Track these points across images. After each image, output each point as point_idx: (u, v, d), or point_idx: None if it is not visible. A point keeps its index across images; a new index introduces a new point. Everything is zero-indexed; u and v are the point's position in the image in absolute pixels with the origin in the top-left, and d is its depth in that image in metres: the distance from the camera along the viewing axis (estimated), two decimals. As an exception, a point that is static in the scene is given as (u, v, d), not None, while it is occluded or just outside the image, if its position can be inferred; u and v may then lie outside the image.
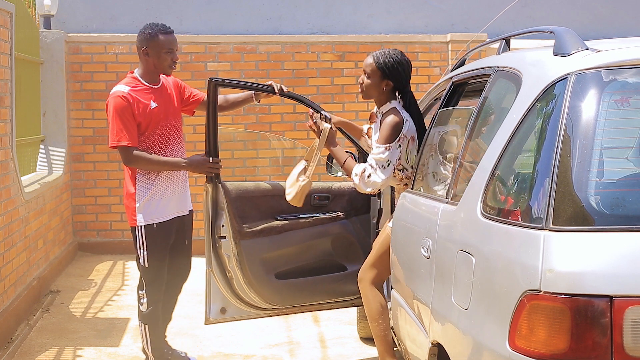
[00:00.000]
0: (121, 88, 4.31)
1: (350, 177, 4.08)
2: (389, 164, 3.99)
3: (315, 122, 4.24)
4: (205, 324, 4.50)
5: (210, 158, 4.34)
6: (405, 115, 4.08)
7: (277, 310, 4.66)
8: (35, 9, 8.72)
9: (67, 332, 5.49)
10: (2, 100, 5.46)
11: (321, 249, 4.73)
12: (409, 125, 4.06)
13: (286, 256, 4.64)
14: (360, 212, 4.83)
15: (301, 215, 4.64)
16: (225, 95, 4.72)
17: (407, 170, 4.06)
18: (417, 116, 4.17)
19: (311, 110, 4.37)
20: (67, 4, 8.65)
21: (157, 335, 4.54)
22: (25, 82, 7.02)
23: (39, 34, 7.81)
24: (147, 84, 4.39)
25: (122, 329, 5.55)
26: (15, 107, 5.84)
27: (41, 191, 6.63)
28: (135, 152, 4.27)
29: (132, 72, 4.43)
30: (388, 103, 4.16)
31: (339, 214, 4.77)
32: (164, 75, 4.50)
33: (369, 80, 4.14)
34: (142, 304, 4.45)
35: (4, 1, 5.59)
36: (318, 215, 4.71)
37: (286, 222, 4.62)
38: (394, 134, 4.00)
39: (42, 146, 7.79)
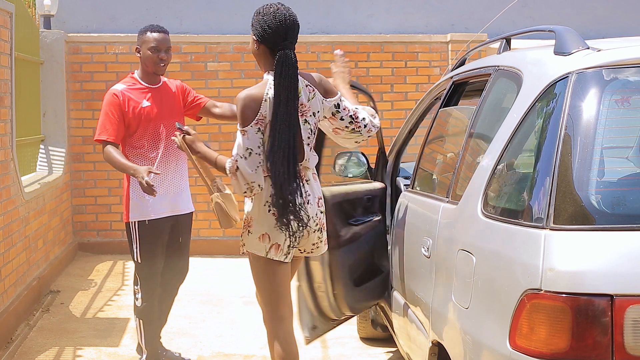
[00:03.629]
0: (116, 86, 4.47)
1: (230, 173, 3.44)
2: None
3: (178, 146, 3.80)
4: (306, 344, 4.40)
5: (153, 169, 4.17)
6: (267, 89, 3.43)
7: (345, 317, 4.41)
8: (35, 9, 8.72)
9: (67, 332, 5.49)
10: (2, 100, 5.45)
11: (364, 251, 4.37)
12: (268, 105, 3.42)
13: (360, 261, 4.30)
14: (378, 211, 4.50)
15: (367, 219, 4.29)
16: (229, 104, 4.66)
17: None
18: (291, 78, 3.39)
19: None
20: (67, 4, 8.65)
21: (152, 330, 4.59)
22: (25, 82, 7.01)
23: (39, 34, 7.80)
24: (145, 84, 4.48)
25: (122, 329, 5.54)
26: (15, 107, 5.84)
27: (41, 191, 6.62)
28: (107, 147, 4.31)
29: (133, 73, 4.55)
30: (266, 74, 3.50)
31: (379, 215, 4.42)
32: (169, 78, 4.58)
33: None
34: (137, 299, 4.52)
35: (4, 1, 5.58)
36: (371, 217, 4.34)
37: (358, 226, 4.26)
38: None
39: (42, 146, 7.78)
